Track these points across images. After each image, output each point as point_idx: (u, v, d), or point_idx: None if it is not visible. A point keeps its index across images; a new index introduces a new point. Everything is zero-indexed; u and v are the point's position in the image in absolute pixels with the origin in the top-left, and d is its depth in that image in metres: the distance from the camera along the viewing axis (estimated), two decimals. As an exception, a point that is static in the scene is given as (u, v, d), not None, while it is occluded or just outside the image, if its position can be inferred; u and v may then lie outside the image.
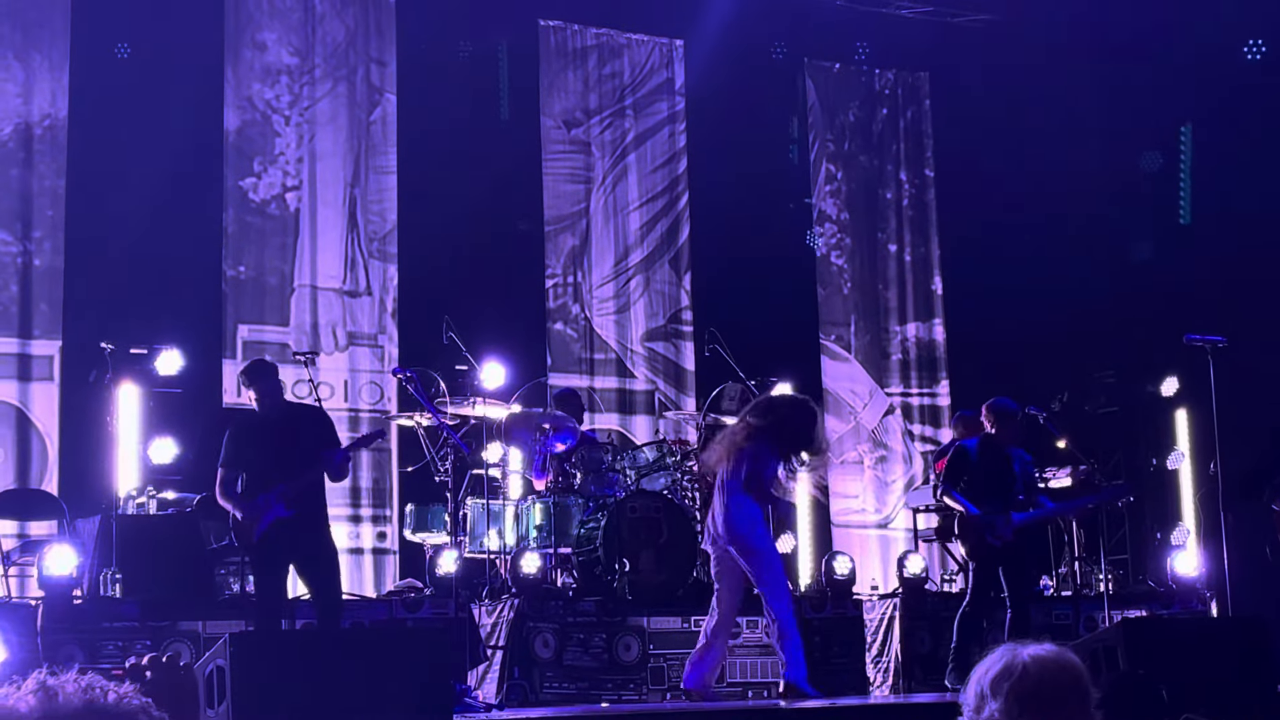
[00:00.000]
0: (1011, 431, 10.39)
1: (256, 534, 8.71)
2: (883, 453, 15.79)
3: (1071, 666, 3.00)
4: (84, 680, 2.18)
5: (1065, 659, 3.01)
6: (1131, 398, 14.63)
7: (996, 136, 15.52)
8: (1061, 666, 2.98)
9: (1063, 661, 3.00)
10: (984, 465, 10.30)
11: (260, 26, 13.75)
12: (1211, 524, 11.73)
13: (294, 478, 8.73)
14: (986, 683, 2.99)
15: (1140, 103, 14.87)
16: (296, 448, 8.84)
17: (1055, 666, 2.98)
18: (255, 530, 8.70)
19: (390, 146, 14.09)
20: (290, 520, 8.71)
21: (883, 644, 11.38)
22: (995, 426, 10.40)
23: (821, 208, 16.02)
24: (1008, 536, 10.08)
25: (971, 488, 10.26)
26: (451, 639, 8.66)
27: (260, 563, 8.90)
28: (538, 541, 10.97)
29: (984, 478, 10.25)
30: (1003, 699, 2.95)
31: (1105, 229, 15.17)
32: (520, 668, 10.02)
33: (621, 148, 15.14)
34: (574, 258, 14.80)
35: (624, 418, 14.71)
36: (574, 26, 15.12)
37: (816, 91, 16.13)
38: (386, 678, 6.31)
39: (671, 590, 10.81)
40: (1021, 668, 2.96)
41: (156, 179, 12.52)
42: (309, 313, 13.60)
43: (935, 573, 12.99)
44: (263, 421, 8.98)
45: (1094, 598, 11.80)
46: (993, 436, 10.40)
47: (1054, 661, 2.98)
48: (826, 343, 15.80)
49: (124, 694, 2.19)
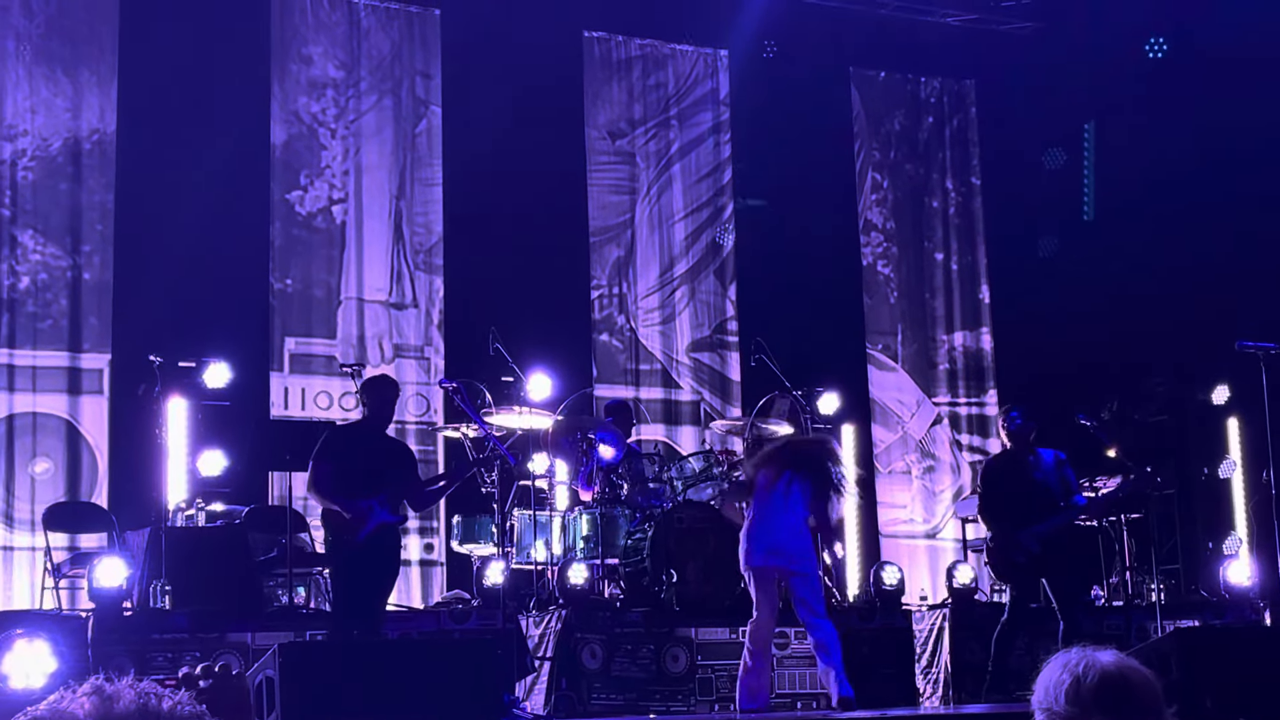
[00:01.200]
0: (1021, 439, 10.29)
1: (362, 534, 8.85)
2: (930, 462, 15.71)
3: (1149, 676, 2.97)
4: (140, 686, 2.18)
5: (1141, 669, 2.98)
6: (1183, 405, 14.51)
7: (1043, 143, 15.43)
8: (1143, 675, 2.95)
9: (1142, 671, 2.96)
10: (1004, 480, 10.23)
11: (306, 40, 13.82)
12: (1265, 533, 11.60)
13: (391, 490, 9.02)
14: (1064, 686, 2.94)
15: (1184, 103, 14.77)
16: (388, 466, 9.13)
17: (1137, 676, 2.94)
18: (361, 530, 8.85)
19: (435, 159, 14.13)
20: (392, 526, 9.06)
21: (932, 655, 11.30)
22: (1007, 438, 10.36)
23: (868, 216, 15.96)
24: (1034, 550, 9.98)
25: (994, 505, 10.20)
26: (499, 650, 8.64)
27: (357, 564, 8.95)
28: (585, 552, 10.95)
29: (1005, 493, 10.18)
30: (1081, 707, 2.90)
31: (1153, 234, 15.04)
32: (568, 679, 9.98)
33: (666, 158, 15.13)
34: (619, 268, 14.80)
35: (670, 428, 14.69)
36: (618, 38, 15.14)
37: (861, 100, 16.09)
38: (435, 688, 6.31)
39: (719, 601, 10.76)
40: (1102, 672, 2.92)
41: (204, 193, 12.60)
42: (355, 325, 13.64)
43: (985, 583, 12.89)
44: (364, 434, 9.27)
45: (1146, 608, 11.69)
46: (1008, 449, 10.34)
47: (1134, 670, 2.94)
48: (873, 352, 15.74)
49: (178, 701, 2.18)
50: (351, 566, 9.02)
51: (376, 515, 8.88)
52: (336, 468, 9.02)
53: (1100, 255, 14.91)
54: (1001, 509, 10.13)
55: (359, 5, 14.05)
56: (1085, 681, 2.93)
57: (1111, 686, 2.92)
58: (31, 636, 8.04)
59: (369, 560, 8.94)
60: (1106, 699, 2.91)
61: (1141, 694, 2.94)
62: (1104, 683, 2.92)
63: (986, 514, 10.33)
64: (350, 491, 8.93)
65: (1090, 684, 2.93)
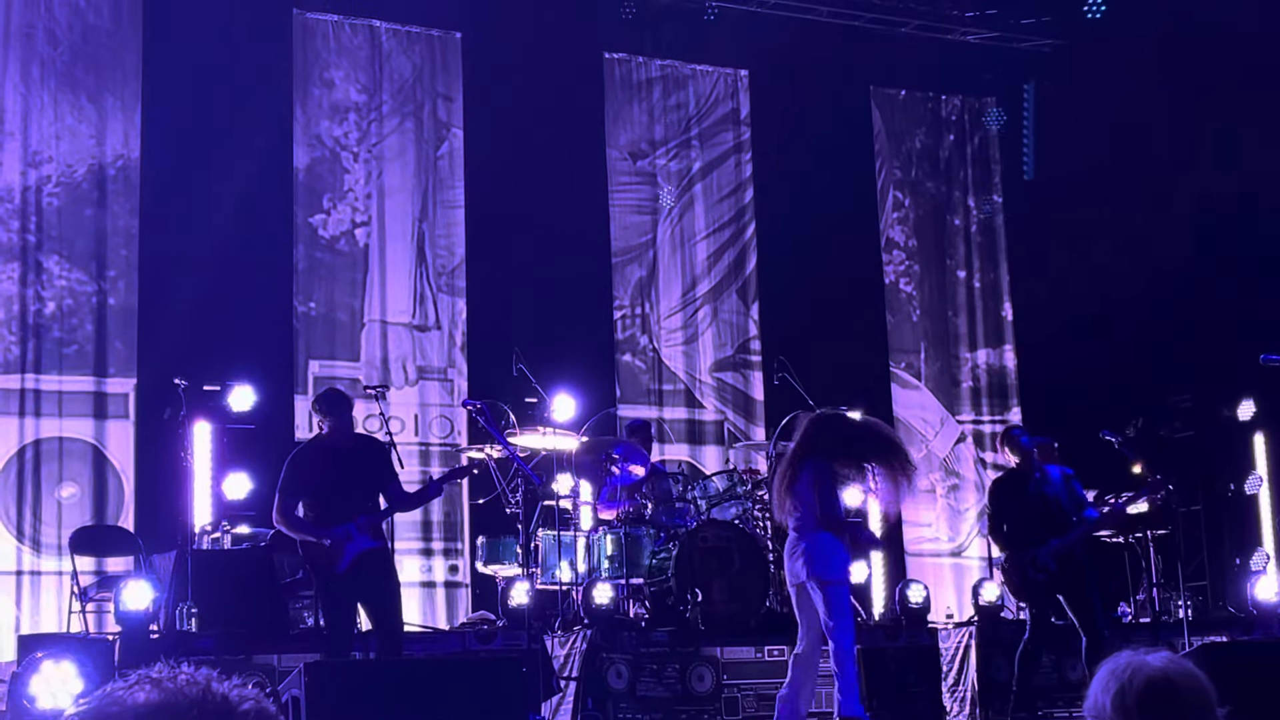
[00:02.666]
0: (1026, 457, 10.25)
1: (342, 565, 8.49)
2: (955, 481, 15.68)
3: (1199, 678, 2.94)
4: (199, 674, 2.15)
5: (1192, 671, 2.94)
6: (1208, 422, 14.45)
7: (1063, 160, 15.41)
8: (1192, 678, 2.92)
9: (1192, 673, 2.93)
10: (1014, 499, 10.19)
11: (328, 65, 13.89)
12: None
13: (369, 510, 8.63)
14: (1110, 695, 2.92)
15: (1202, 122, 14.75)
16: (361, 479, 8.73)
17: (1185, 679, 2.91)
18: (341, 561, 8.49)
19: (458, 181, 14.18)
20: (375, 552, 8.61)
21: (959, 673, 11.26)
22: (1013, 456, 10.31)
23: (890, 235, 15.97)
24: (1051, 567, 9.93)
25: (1006, 525, 10.15)
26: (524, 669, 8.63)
27: (341, 593, 8.60)
28: (609, 572, 10.95)
29: (1016, 512, 10.13)
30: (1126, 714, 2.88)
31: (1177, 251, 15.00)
32: (594, 699, 9.98)
33: (688, 178, 15.16)
34: (641, 289, 14.82)
35: (693, 448, 14.69)
36: (638, 59, 15.18)
37: (882, 119, 16.10)
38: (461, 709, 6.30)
39: (744, 620, 10.75)
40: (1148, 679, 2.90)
41: (227, 217, 12.66)
42: (379, 347, 13.68)
43: (1010, 600, 12.85)
44: (327, 451, 8.77)
45: (1173, 624, 11.63)
46: (1015, 468, 10.29)
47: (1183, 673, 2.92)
48: (896, 370, 15.73)
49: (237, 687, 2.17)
50: (334, 596, 8.66)
51: (356, 543, 8.49)
52: (305, 495, 8.62)
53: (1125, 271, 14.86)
54: (1013, 528, 10.09)
55: (380, 29, 14.12)
56: (1131, 688, 2.90)
57: (1156, 692, 2.88)
58: (58, 658, 8.06)
59: (353, 591, 8.55)
60: (1152, 704, 2.88)
61: (1189, 697, 2.90)
62: (1149, 688, 2.89)
63: (996, 534, 10.30)
64: (323, 519, 8.55)
65: (1135, 690, 2.90)
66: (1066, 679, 10.87)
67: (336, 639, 8.68)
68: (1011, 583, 10.18)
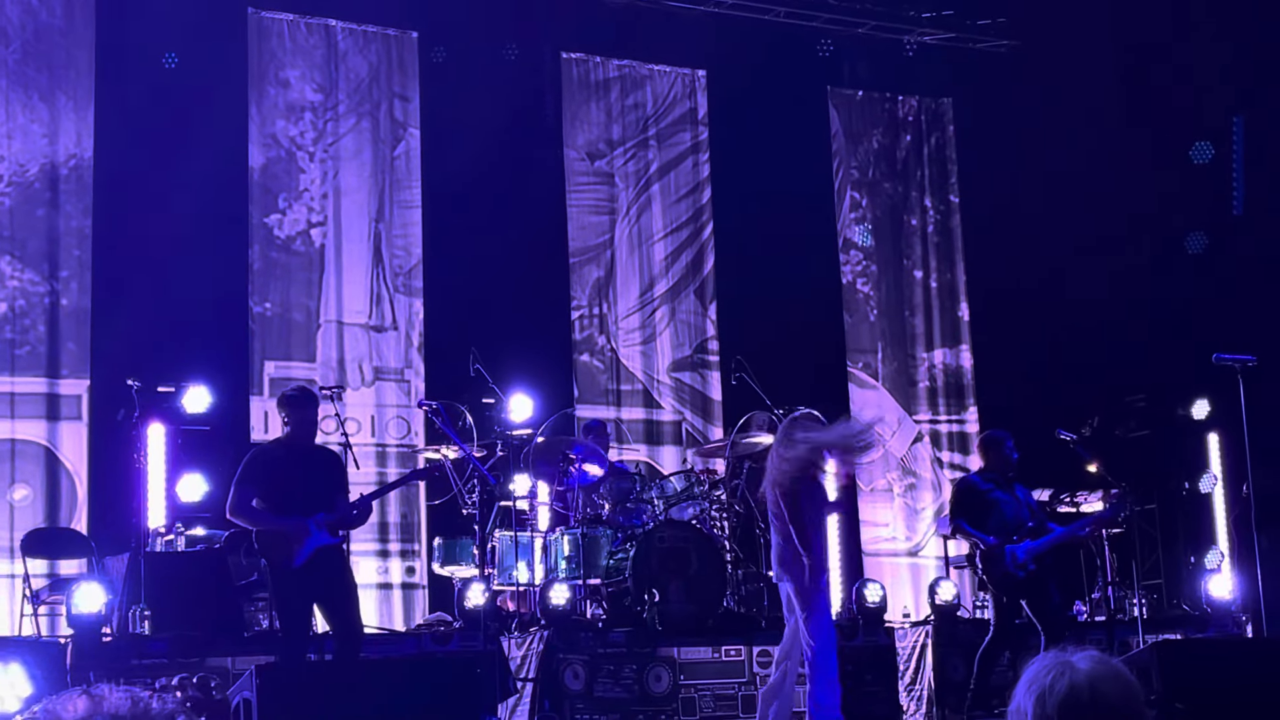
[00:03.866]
0: (1002, 458, 10.32)
1: (300, 558, 8.43)
2: (912, 480, 15.71)
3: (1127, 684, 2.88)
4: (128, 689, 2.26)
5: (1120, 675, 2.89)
6: (1163, 421, 14.53)
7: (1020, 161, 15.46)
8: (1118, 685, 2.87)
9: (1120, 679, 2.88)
10: (988, 496, 10.24)
11: (284, 64, 13.81)
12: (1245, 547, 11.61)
13: (328, 508, 8.59)
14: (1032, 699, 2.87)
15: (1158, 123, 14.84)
16: (320, 481, 8.71)
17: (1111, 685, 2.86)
18: (298, 554, 8.42)
19: (414, 181, 14.12)
20: (332, 549, 8.59)
21: (915, 672, 11.29)
22: (985, 458, 10.36)
23: (847, 235, 15.99)
24: (1031, 566, 10.03)
25: (981, 520, 10.19)
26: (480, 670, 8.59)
27: (296, 589, 8.51)
28: (567, 573, 10.93)
29: (990, 509, 10.18)
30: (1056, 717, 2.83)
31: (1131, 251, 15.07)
32: (551, 700, 9.95)
33: (645, 178, 15.15)
34: (599, 289, 14.80)
35: (651, 448, 14.67)
36: (596, 59, 15.15)
37: (840, 119, 16.12)
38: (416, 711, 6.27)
39: (701, 620, 10.75)
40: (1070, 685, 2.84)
41: (182, 217, 12.57)
42: (335, 348, 13.62)
43: (967, 599, 12.89)
44: (289, 450, 8.76)
45: (1128, 622, 11.70)
46: (987, 469, 10.35)
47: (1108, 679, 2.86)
48: (854, 370, 15.75)
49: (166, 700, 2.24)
50: (289, 592, 8.55)
51: (314, 538, 8.46)
52: (262, 490, 8.56)
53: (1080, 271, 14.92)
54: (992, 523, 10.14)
55: (336, 28, 14.06)
56: (1052, 693, 2.84)
57: (1077, 698, 2.83)
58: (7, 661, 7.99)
59: (307, 585, 8.48)
60: (1072, 711, 2.82)
61: (1112, 703, 2.85)
62: (1071, 694, 2.83)
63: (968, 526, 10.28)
64: (281, 512, 8.53)
65: (1057, 695, 2.84)
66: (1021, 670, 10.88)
67: (291, 638, 8.59)
68: (991, 573, 10.17)
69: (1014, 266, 15.30)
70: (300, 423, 8.75)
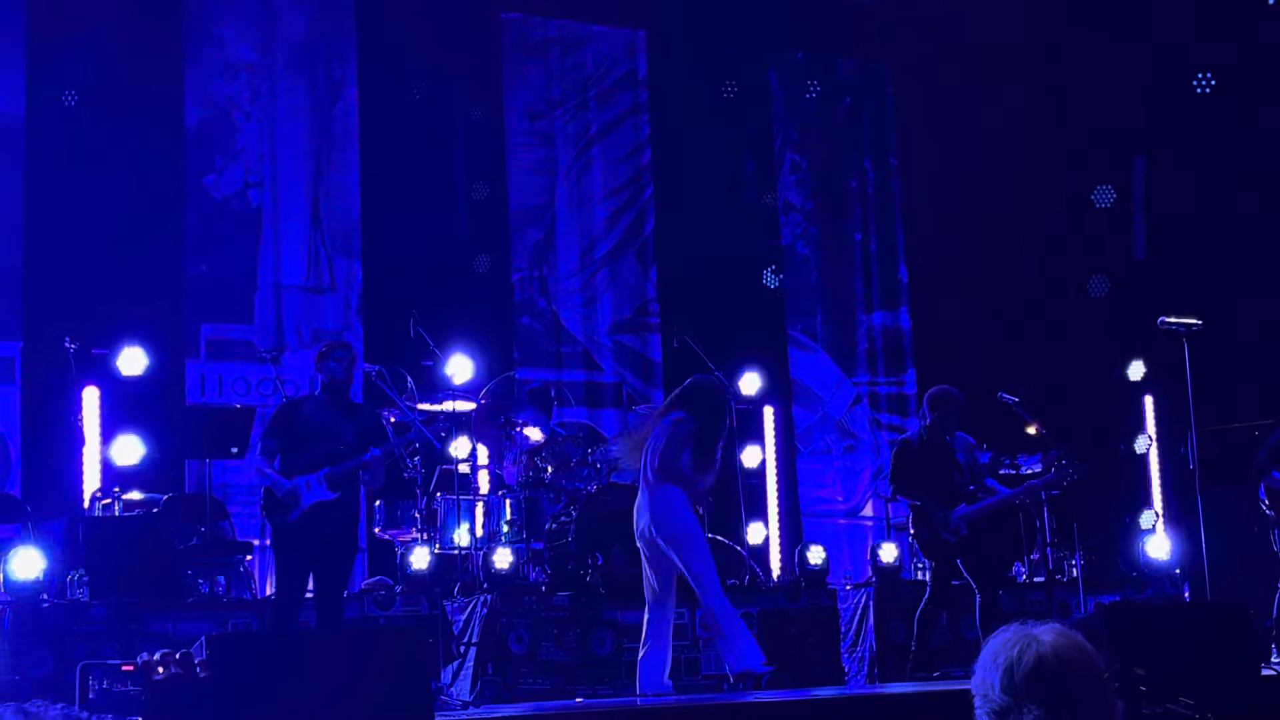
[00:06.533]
0: (951, 418, 10.35)
1: (294, 515, 8.53)
2: (851, 442, 15.77)
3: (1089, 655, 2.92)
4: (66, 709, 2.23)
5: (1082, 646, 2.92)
6: (1099, 382, 14.65)
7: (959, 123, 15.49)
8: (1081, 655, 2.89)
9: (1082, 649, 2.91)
10: (927, 457, 10.29)
11: (219, 22, 13.60)
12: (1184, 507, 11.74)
13: (338, 464, 8.62)
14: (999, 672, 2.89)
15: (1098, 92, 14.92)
16: (335, 443, 8.70)
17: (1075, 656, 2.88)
18: (293, 511, 8.52)
19: (352, 141, 13.97)
20: (332, 504, 8.59)
21: (857, 634, 11.35)
22: (933, 414, 10.37)
23: (787, 197, 15.98)
24: (962, 530, 10.10)
25: (916, 482, 10.24)
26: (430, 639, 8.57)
27: (289, 545, 8.63)
28: (509, 537, 10.90)
29: (928, 471, 10.23)
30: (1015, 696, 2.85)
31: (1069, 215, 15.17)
32: (494, 664, 9.94)
33: (585, 139, 15.07)
34: (540, 251, 14.73)
35: (592, 411, 14.64)
36: (535, 19, 15.03)
37: (780, 81, 16.09)
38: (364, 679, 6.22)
39: (644, 583, 10.73)
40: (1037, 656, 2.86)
41: (116, 176, 12.40)
42: (273, 310, 13.48)
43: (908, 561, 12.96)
44: (319, 406, 8.86)
45: (1067, 584, 11.80)
46: (932, 426, 10.37)
47: (1072, 650, 2.89)
48: (793, 333, 15.77)
49: None
50: (284, 548, 8.72)
51: (313, 493, 8.54)
52: (282, 443, 8.71)
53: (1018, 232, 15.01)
54: (927, 485, 10.20)
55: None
56: (1020, 666, 2.87)
57: (1045, 670, 2.85)
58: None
59: (302, 544, 8.58)
60: (1040, 683, 2.85)
61: (1079, 673, 2.87)
62: (1039, 666, 2.85)
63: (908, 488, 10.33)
64: (288, 467, 8.63)
65: (1024, 668, 2.86)
66: (963, 638, 10.99)
67: (282, 598, 8.68)
68: (921, 537, 10.27)
69: (953, 229, 15.36)
70: (331, 372, 8.82)
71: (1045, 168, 15.15)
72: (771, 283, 15.75)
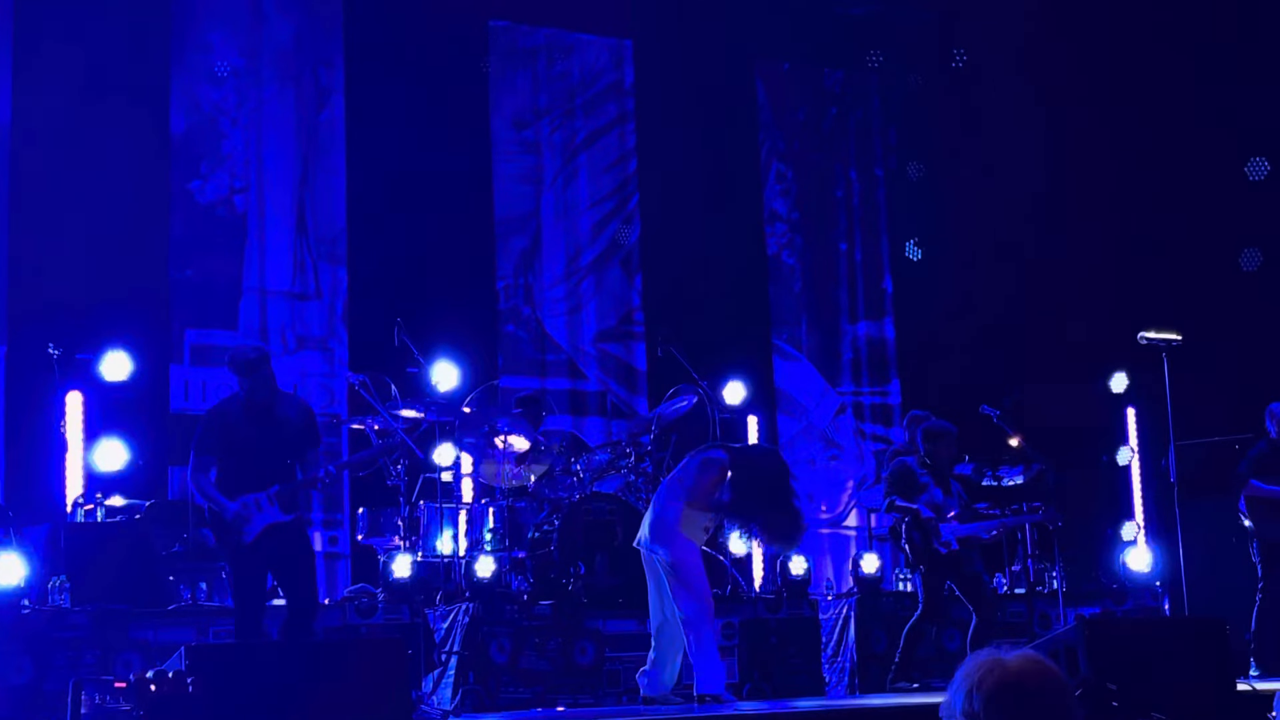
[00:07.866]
0: (947, 453, 10.48)
1: (249, 535, 8.16)
2: (835, 452, 15.81)
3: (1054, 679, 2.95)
4: None
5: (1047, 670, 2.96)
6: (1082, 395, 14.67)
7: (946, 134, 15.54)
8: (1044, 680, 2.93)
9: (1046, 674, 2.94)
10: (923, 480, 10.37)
11: (206, 28, 13.60)
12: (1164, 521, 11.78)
13: (284, 477, 8.26)
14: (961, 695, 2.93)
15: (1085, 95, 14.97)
16: (282, 441, 8.35)
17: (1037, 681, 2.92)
18: (248, 532, 8.15)
19: (338, 147, 13.97)
20: (286, 526, 8.26)
21: (839, 644, 11.37)
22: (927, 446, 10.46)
23: (773, 207, 16.02)
24: (954, 545, 10.18)
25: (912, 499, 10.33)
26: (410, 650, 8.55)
27: (249, 567, 8.28)
28: (492, 545, 10.90)
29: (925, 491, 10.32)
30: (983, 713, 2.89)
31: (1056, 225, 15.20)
32: (475, 673, 9.95)
33: (572, 148, 15.09)
34: (525, 259, 14.74)
35: (576, 419, 14.65)
36: (523, 27, 15.05)
37: (766, 91, 16.12)
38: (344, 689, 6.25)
39: (627, 593, 10.74)
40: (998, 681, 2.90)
41: (102, 182, 12.36)
42: (258, 316, 13.48)
43: (890, 572, 13.00)
44: (247, 408, 8.39)
45: (1047, 595, 11.84)
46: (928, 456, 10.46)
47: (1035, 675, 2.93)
48: (778, 342, 15.80)
49: None
50: (240, 569, 8.33)
51: (265, 514, 8.18)
52: (204, 458, 8.26)
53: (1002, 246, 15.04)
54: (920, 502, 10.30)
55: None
56: (980, 690, 2.92)
57: (1002, 696, 2.90)
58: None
59: (258, 561, 8.27)
60: (999, 713, 2.89)
61: (1039, 699, 2.92)
62: (997, 691, 2.90)
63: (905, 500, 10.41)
64: (228, 485, 8.23)
65: (985, 692, 2.91)
66: (945, 649, 11.02)
67: (244, 615, 8.36)
68: (913, 541, 10.30)
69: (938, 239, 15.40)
70: (255, 383, 8.32)
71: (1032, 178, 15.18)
72: (757, 292, 15.76)
